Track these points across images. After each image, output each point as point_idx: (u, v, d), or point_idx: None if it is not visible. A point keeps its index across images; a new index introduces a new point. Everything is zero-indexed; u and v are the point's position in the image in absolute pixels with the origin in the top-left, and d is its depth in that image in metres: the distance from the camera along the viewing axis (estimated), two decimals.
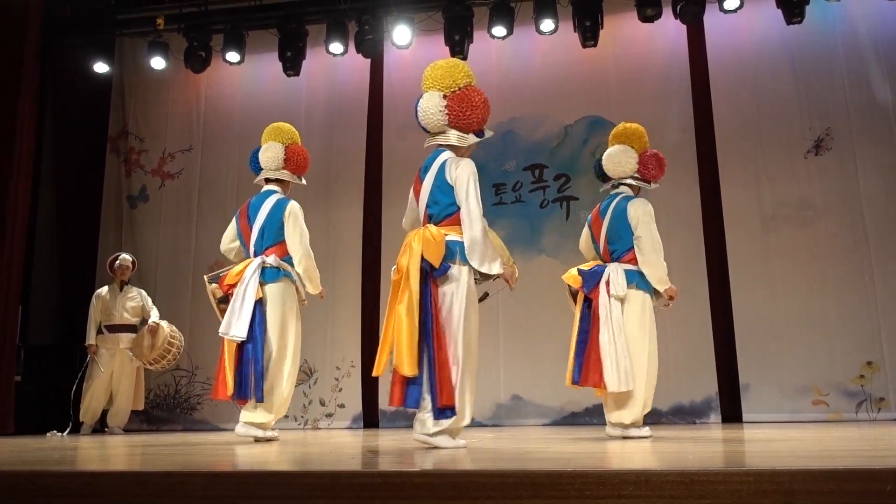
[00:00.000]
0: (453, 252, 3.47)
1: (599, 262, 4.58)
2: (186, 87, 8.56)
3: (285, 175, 5.01)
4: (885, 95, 7.02)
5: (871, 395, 6.55)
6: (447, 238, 3.48)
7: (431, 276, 3.43)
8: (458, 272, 3.47)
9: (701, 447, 3.27)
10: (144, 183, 8.43)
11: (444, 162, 3.63)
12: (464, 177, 3.54)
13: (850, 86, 7.13)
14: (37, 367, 7.37)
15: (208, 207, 8.24)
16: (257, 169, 5.10)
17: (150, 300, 7.19)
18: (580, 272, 4.48)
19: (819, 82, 7.21)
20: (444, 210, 3.58)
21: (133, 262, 7.26)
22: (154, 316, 6.97)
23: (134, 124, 8.58)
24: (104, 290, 7.12)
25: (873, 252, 6.79)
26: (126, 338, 6.94)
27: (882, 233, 6.81)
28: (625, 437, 4.22)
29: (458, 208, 3.54)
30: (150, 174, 8.45)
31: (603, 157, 4.79)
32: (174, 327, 6.90)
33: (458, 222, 3.54)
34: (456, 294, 3.45)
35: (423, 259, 3.41)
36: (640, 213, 4.47)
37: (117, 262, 7.15)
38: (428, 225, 3.60)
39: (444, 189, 3.59)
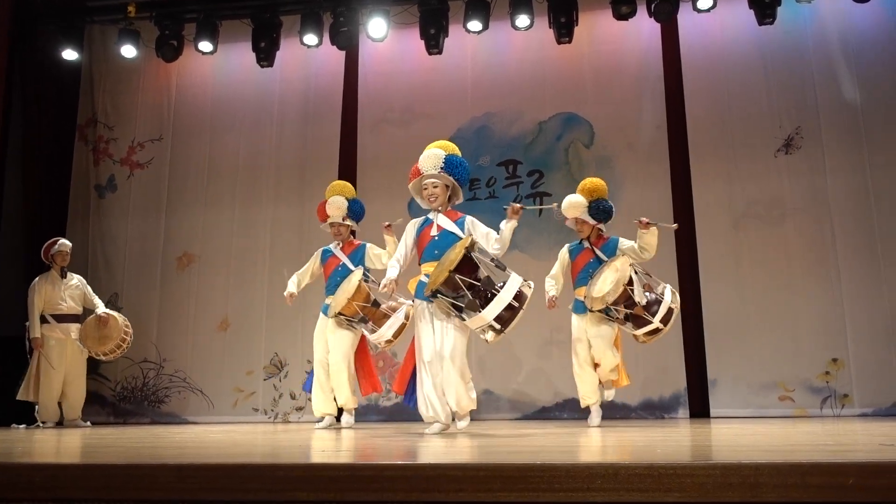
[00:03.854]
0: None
1: None
2: (157, 76, 8.44)
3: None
4: (853, 96, 7.13)
5: (836, 391, 6.67)
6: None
7: None
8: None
9: (669, 441, 3.30)
10: (113, 172, 8.31)
11: None
12: None
13: (819, 86, 7.23)
14: (1, 359, 7.22)
15: (178, 198, 8.15)
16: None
17: (90, 288, 7.00)
18: None
19: (790, 82, 7.31)
20: None
21: (70, 247, 6.95)
22: (100, 305, 6.83)
23: (103, 113, 8.44)
24: (44, 278, 6.79)
25: (840, 251, 6.90)
26: (74, 327, 6.74)
27: (849, 232, 6.93)
28: None
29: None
30: (118, 163, 8.33)
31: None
32: (124, 317, 6.82)
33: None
34: None
35: None
36: None
37: (56, 247, 6.81)
38: None
39: None
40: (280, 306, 7.70)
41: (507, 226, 4.35)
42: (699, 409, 6.90)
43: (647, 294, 4.90)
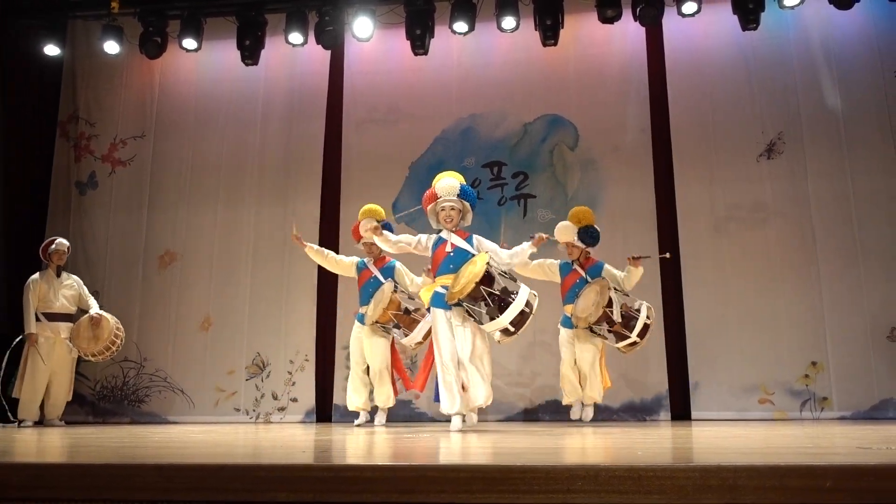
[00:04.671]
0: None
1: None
2: (140, 73, 8.38)
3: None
4: (834, 102, 7.21)
5: (815, 394, 6.73)
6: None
7: None
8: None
9: (650, 443, 3.32)
10: (94, 169, 8.24)
11: None
12: None
13: (802, 92, 7.30)
14: None
15: (160, 196, 8.09)
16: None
17: (85, 288, 6.97)
18: None
19: (772, 87, 7.37)
20: None
21: (68, 248, 6.97)
22: (94, 306, 6.78)
23: (85, 109, 8.37)
24: (39, 275, 6.79)
25: (820, 255, 6.97)
26: (65, 327, 6.71)
27: (829, 236, 7.00)
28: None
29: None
30: (100, 160, 8.26)
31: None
32: (117, 319, 6.76)
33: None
34: None
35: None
36: None
37: (53, 246, 6.82)
38: None
39: None
40: (263, 306, 7.69)
41: (528, 247, 5.12)
42: (680, 411, 6.94)
43: (625, 312, 5.57)
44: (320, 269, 7.69)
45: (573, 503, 1.84)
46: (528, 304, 4.64)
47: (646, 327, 5.56)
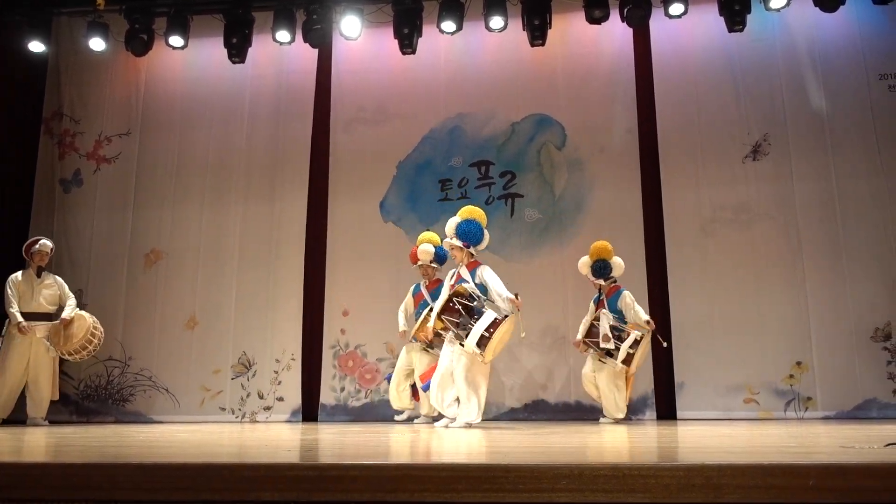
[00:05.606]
0: None
1: None
2: (126, 70, 8.32)
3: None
4: (819, 104, 7.25)
5: (800, 394, 6.78)
6: None
7: None
8: None
9: (635, 443, 3.33)
10: (79, 166, 8.16)
11: None
12: None
13: (787, 94, 7.35)
14: None
15: (146, 194, 8.03)
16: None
17: (66, 287, 6.90)
18: None
19: (758, 89, 7.41)
20: None
21: (51, 249, 6.88)
22: (68, 308, 6.69)
23: (69, 106, 8.29)
24: (19, 275, 6.70)
25: (805, 256, 7.01)
26: (43, 326, 6.64)
27: (814, 237, 7.05)
28: None
29: None
30: (84, 158, 8.19)
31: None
32: (95, 318, 6.70)
33: None
34: None
35: None
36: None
37: (36, 246, 6.73)
38: None
39: None
40: (249, 305, 7.66)
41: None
42: (666, 411, 6.97)
43: (615, 341, 6.21)
44: (307, 267, 7.70)
45: (558, 502, 1.85)
46: (491, 325, 5.02)
47: (629, 356, 6.16)
